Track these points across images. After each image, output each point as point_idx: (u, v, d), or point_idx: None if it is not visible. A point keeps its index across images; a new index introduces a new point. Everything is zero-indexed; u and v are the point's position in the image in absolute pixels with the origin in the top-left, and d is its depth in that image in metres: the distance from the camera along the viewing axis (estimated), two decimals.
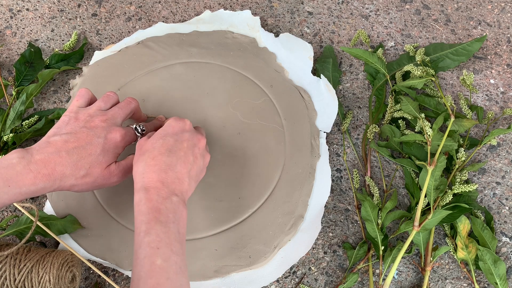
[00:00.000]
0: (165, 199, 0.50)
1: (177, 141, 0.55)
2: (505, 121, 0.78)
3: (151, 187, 0.51)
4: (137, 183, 0.52)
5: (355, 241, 0.69)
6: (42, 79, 0.75)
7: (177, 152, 0.54)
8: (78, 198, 0.67)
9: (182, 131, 0.57)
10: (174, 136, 0.56)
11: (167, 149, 0.54)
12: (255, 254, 0.65)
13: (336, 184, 0.73)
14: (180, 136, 0.56)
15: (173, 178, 0.52)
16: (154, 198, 0.50)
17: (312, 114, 0.75)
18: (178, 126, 0.57)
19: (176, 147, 0.54)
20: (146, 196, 0.50)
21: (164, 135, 0.56)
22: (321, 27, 0.86)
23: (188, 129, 0.58)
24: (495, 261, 0.63)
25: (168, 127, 0.57)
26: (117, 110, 0.60)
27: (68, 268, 0.60)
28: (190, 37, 0.81)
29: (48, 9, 0.86)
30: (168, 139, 0.55)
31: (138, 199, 0.50)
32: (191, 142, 0.56)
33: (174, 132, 0.56)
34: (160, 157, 0.53)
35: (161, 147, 0.54)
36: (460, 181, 0.69)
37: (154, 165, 0.52)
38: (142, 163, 0.53)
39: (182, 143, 0.55)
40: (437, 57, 0.80)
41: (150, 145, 0.54)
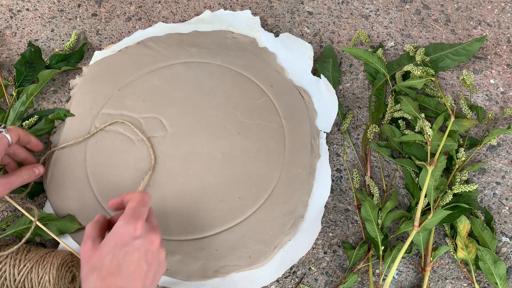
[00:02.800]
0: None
1: (127, 253, 0.49)
2: (505, 121, 0.78)
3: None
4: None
5: (355, 241, 0.69)
6: (42, 80, 0.75)
7: (128, 267, 0.49)
8: (78, 198, 0.67)
9: (132, 238, 0.50)
10: (123, 248, 0.50)
11: (117, 267, 0.49)
12: (255, 254, 0.65)
13: (336, 184, 0.73)
14: (131, 247, 0.50)
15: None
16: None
17: (312, 114, 0.75)
18: (128, 234, 0.50)
19: (126, 261, 0.49)
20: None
21: (113, 248, 0.49)
22: (321, 27, 0.86)
23: (139, 234, 0.51)
24: (495, 261, 0.63)
25: (117, 237, 0.50)
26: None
27: (68, 268, 0.60)
28: (190, 37, 0.81)
29: (48, 9, 0.86)
30: (117, 254, 0.49)
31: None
32: (143, 249, 0.51)
33: (122, 242, 0.50)
34: (110, 278, 0.48)
35: (110, 264, 0.48)
36: (460, 181, 0.69)
37: (108, 276, 0.48)
38: (91, 284, 0.48)
39: (132, 255, 0.50)
40: (437, 57, 0.80)
41: (97, 260, 0.49)
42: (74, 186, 0.68)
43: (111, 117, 0.73)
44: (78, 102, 0.74)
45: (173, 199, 0.67)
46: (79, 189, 0.68)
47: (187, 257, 0.65)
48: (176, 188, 0.68)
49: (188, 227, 0.66)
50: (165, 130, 0.72)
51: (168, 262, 0.64)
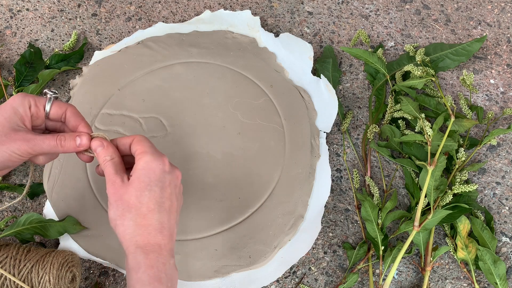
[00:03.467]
0: (165, 265, 0.48)
1: (162, 189, 0.50)
2: (505, 121, 0.78)
3: (150, 251, 0.47)
4: (129, 243, 0.48)
5: (355, 241, 0.69)
6: (42, 80, 0.75)
7: (165, 204, 0.50)
8: (78, 198, 0.67)
9: (163, 174, 0.50)
10: (158, 183, 0.50)
11: (155, 203, 0.49)
12: (255, 254, 0.65)
13: (336, 184, 0.73)
14: (164, 182, 0.50)
15: (168, 236, 0.49)
16: (155, 264, 0.47)
17: (312, 114, 0.75)
18: (159, 168, 0.50)
19: (163, 197, 0.50)
20: (145, 261, 0.47)
21: (149, 184, 0.49)
22: (321, 27, 0.86)
23: (168, 170, 0.51)
24: (495, 261, 0.63)
25: (150, 173, 0.49)
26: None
27: (68, 268, 0.60)
28: (190, 37, 0.81)
29: (48, 9, 0.86)
30: (154, 190, 0.49)
31: (136, 264, 0.47)
32: (172, 184, 0.51)
33: (157, 178, 0.50)
34: (151, 215, 0.48)
35: (149, 202, 0.49)
36: (460, 181, 0.69)
37: (148, 226, 0.48)
38: (130, 222, 0.48)
39: (166, 191, 0.50)
40: (437, 57, 0.80)
41: (135, 199, 0.48)
42: (74, 186, 0.68)
43: (111, 117, 0.73)
44: (78, 102, 0.74)
45: None
46: (79, 189, 0.68)
47: (187, 257, 0.64)
48: None
49: (188, 227, 0.66)
50: (165, 130, 0.72)
51: None
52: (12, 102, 0.49)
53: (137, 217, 0.48)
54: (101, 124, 0.72)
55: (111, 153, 0.51)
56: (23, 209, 0.69)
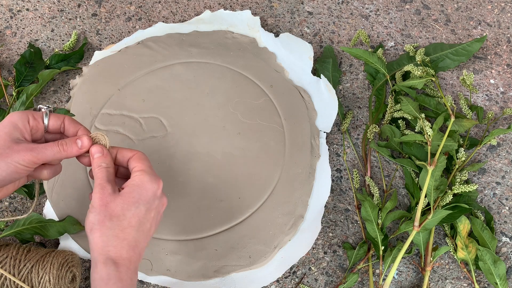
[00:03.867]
0: (132, 280, 0.49)
1: (148, 210, 0.51)
2: (505, 121, 0.78)
3: (121, 264, 0.48)
4: (100, 252, 0.48)
5: (355, 241, 0.69)
6: (42, 80, 0.75)
7: (145, 225, 0.51)
8: (78, 198, 0.67)
9: (154, 197, 0.51)
10: (146, 204, 0.50)
11: (137, 222, 0.50)
12: (255, 254, 0.65)
13: (336, 184, 0.73)
14: (151, 205, 0.51)
15: (137, 255, 0.50)
16: (124, 278, 0.48)
17: (312, 114, 0.75)
18: (152, 191, 0.51)
19: (145, 218, 0.50)
20: (116, 274, 0.47)
21: (137, 201, 0.50)
22: (321, 27, 0.86)
23: (159, 195, 0.52)
24: (495, 261, 0.63)
25: (143, 191, 0.50)
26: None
27: (68, 268, 0.60)
28: (190, 37, 0.81)
29: (48, 9, 0.86)
30: (140, 209, 0.50)
31: (106, 275, 0.47)
32: (157, 210, 0.52)
33: (147, 199, 0.50)
34: (130, 230, 0.49)
35: (132, 217, 0.49)
36: (460, 181, 0.69)
37: (123, 239, 0.49)
38: (108, 231, 0.48)
39: (150, 213, 0.51)
40: (437, 57, 0.80)
41: (119, 209, 0.49)
42: (74, 186, 0.68)
43: (111, 117, 0.73)
44: (78, 102, 0.74)
45: (173, 199, 0.67)
46: (79, 189, 0.68)
47: (187, 257, 0.65)
48: (176, 188, 0.68)
49: (188, 227, 0.66)
50: (165, 130, 0.72)
51: (168, 262, 0.65)
52: (10, 118, 0.50)
53: (117, 228, 0.48)
54: (101, 124, 0.72)
55: (108, 161, 0.51)
56: (23, 209, 0.69)
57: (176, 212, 0.66)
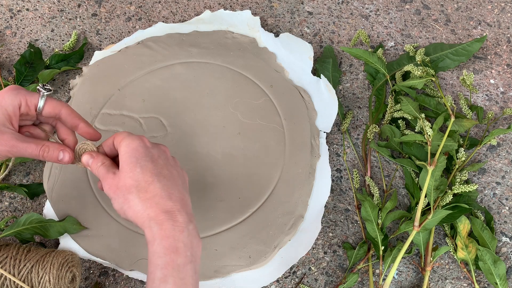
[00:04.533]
0: (182, 232, 0.45)
1: (153, 161, 0.49)
2: (505, 121, 0.78)
3: (163, 220, 0.45)
4: (143, 219, 0.46)
5: (355, 241, 0.69)
6: (42, 80, 0.75)
7: (162, 172, 0.49)
8: (78, 198, 0.67)
9: (147, 149, 0.50)
10: (146, 158, 0.49)
11: (151, 175, 0.48)
12: (255, 254, 0.65)
13: (336, 184, 0.73)
14: (152, 156, 0.50)
15: (179, 201, 0.47)
16: (170, 234, 0.45)
17: (312, 114, 0.75)
18: (140, 145, 0.50)
19: (158, 167, 0.49)
20: (160, 232, 0.45)
21: (136, 162, 0.48)
22: (321, 27, 0.86)
23: (150, 145, 0.51)
24: (495, 261, 0.63)
25: (133, 152, 0.49)
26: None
27: (68, 268, 0.60)
28: (190, 37, 0.81)
29: (48, 9, 0.86)
30: (145, 165, 0.48)
31: (151, 236, 0.45)
32: (163, 156, 0.51)
33: (142, 154, 0.49)
34: (153, 186, 0.47)
35: (144, 176, 0.48)
36: (460, 181, 0.69)
37: (153, 196, 0.47)
38: (136, 201, 0.47)
39: (158, 161, 0.49)
40: (437, 57, 0.80)
41: (130, 181, 0.48)
42: (74, 186, 0.68)
43: (111, 117, 0.73)
44: (78, 102, 0.74)
45: None
46: (79, 189, 0.68)
47: None
48: None
49: None
50: (165, 130, 0.72)
51: None
52: (1, 100, 0.49)
53: (139, 193, 0.47)
54: (101, 124, 0.72)
55: (101, 159, 0.51)
56: (23, 209, 0.69)
57: None
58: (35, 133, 0.53)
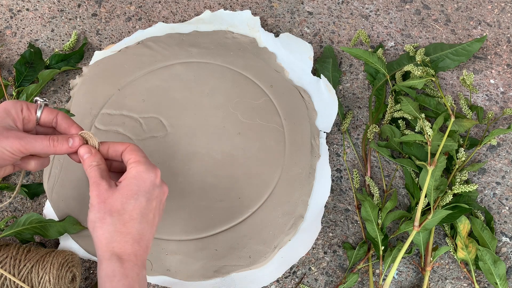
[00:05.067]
0: (139, 275, 0.48)
1: (148, 201, 0.49)
2: (505, 121, 0.78)
3: (126, 260, 0.47)
4: (105, 249, 0.47)
5: (355, 241, 0.69)
6: (42, 80, 0.75)
7: (148, 216, 0.49)
8: (78, 198, 0.67)
9: (153, 186, 0.50)
10: (146, 195, 0.49)
11: (139, 214, 0.48)
12: (255, 254, 0.65)
13: (336, 184, 0.73)
14: (151, 194, 0.50)
15: (144, 248, 0.49)
16: (130, 274, 0.47)
17: (312, 114, 0.75)
18: (150, 180, 0.50)
19: (147, 209, 0.49)
20: (121, 270, 0.46)
21: (136, 193, 0.49)
22: (321, 27, 0.86)
23: (158, 183, 0.51)
24: (495, 261, 0.63)
25: (140, 182, 0.49)
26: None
27: (68, 268, 0.60)
28: (190, 37, 0.81)
29: (48, 9, 0.86)
30: (140, 200, 0.49)
31: (111, 272, 0.46)
32: (159, 199, 0.51)
33: (146, 189, 0.49)
34: (132, 224, 0.48)
35: (133, 210, 0.48)
36: (460, 181, 0.69)
37: (127, 234, 0.47)
38: (110, 227, 0.47)
39: (152, 203, 0.50)
40: (437, 57, 0.80)
41: (118, 203, 0.48)
42: (74, 186, 0.68)
43: (111, 117, 0.73)
44: (78, 102, 0.74)
45: (173, 199, 0.67)
46: (79, 189, 0.68)
47: (187, 257, 0.65)
48: (176, 188, 0.68)
49: (188, 227, 0.66)
50: (165, 130, 0.72)
51: (168, 262, 0.65)
52: (4, 105, 0.49)
53: (118, 223, 0.47)
54: (101, 124, 0.72)
55: (98, 159, 0.51)
56: (23, 209, 0.69)
57: (176, 212, 0.66)
58: None
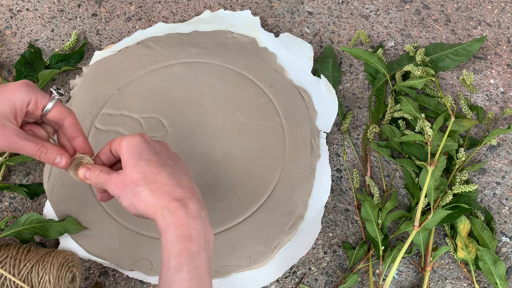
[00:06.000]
0: (195, 219, 0.45)
1: (157, 154, 0.49)
2: (505, 121, 0.78)
3: (176, 208, 0.45)
4: (155, 209, 0.46)
5: (355, 241, 0.69)
6: (42, 80, 0.75)
7: (168, 162, 0.49)
8: (78, 198, 0.67)
9: (148, 144, 0.49)
10: (149, 151, 0.49)
11: (157, 166, 0.47)
12: (255, 254, 0.65)
13: (336, 184, 0.73)
14: (154, 149, 0.49)
15: (189, 189, 0.47)
16: (184, 221, 0.44)
17: (312, 114, 0.75)
18: (142, 141, 0.49)
19: (162, 159, 0.48)
20: (173, 220, 0.44)
21: (140, 156, 0.48)
22: (321, 27, 0.86)
23: (151, 141, 0.51)
24: (495, 261, 0.63)
25: (135, 147, 0.49)
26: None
27: (68, 268, 0.60)
28: (190, 37, 0.81)
29: (48, 9, 0.86)
30: (149, 158, 0.48)
31: (165, 224, 0.45)
32: (164, 150, 0.51)
33: (145, 148, 0.49)
34: (160, 176, 0.47)
35: (150, 167, 0.47)
36: (460, 181, 0.69)
37: (163, 185, 0.46)
38: (145, 191, 0.46)
39: (161, 154, 0.49)
40: (437, 57, 0.80)
41: (136, 173, 0.47)
42: (74, 186, 0.68)
43: (111, 117, 0.73)
44: (78, 102, 0.74)
45: None
46: (79, 189, 0.68)
47: None
48: None
49: None
50: (165, 130, 0.72)
51: None
52: (11, 93, 0.48)
53: (148, 184, 0.46)
54: (101, 124, 0.72)
55: (99, 168, 0.51)
56: (23, 209, 0.69)
57: None
58: (37, 132, 0.53)
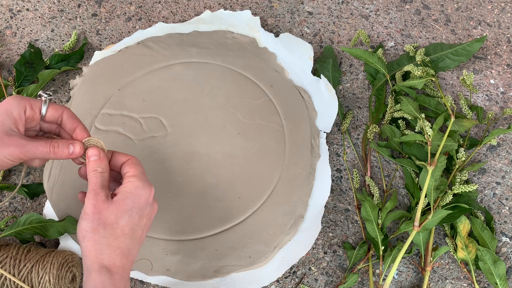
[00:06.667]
0: (125, 287, 0.49)
1: (140, 217, 0.51)
2: (505, 121, 0.78)
3: (114, 272, 0.48)
4: (94, 260, 0.48)
5: (355, 241, 0.69)
6: (42, 80, 0.75)
7: (137, 232, 0.51)
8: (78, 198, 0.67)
9: (146, 204, 0.51)
10: (139, 212, 0.50)
11: (130, 229, 0.50)
12: (255, 254, 0.65)
13: (336, 184, 0.73)
14: (144, 211, 0.51)
15: (130, 262, 0.50)
16: (118, 285, 0.48)
17: (312, 114, 0.75)
18: (145, 197, 0.51)
19: (138, 226, 0.51)
20: (111, 282, 0.48)
21: (131, 208, 0.50)
22: (321, 27, 0.86)
23: (151, 201, 0.52)
24: (495, 261, 0.63)
25: (136, 198, 0.50)
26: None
27: (68, 268, 0.60)
28: (190, 37, 0.81)
29: (48, 9, 0.86)
30: (133, 216, 0.50)
31: (101, 283, 0.47)
32: (149, 217, 0.52)
33: (140, 206, 0.50)
34: (123, 239, 0.49)
35: (125, 225, 0.49)
36: (460, 181, 0.69)
37: (117, 248, 0.49)
38: (102, 239, 0.48)
39: (142, 220, 0.51)
40: (437, 57, 0.80)
41: (113, 219, 0.49)
42: (74, 186, 0.68)
43: (111, 117, 0.73)
44: (78, 102, 0.74)
45: (173, 199, 0.67)
46: (79, 189, 0.68)
47: (187, 257, 0.65)
48: (176, 188, 0.68)
49: (188, 227, 0.66)
50: (165, 130, 0.72)
51: (168, 262, 0.65)
52: (6, 105, 0.49)
53: (110, 236, 0.48)
54: (101, 124, 0.72)
55: (104, 166, 0.51)
56: (23, 209, 0.69)
57: (176, 212, 0.66)
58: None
